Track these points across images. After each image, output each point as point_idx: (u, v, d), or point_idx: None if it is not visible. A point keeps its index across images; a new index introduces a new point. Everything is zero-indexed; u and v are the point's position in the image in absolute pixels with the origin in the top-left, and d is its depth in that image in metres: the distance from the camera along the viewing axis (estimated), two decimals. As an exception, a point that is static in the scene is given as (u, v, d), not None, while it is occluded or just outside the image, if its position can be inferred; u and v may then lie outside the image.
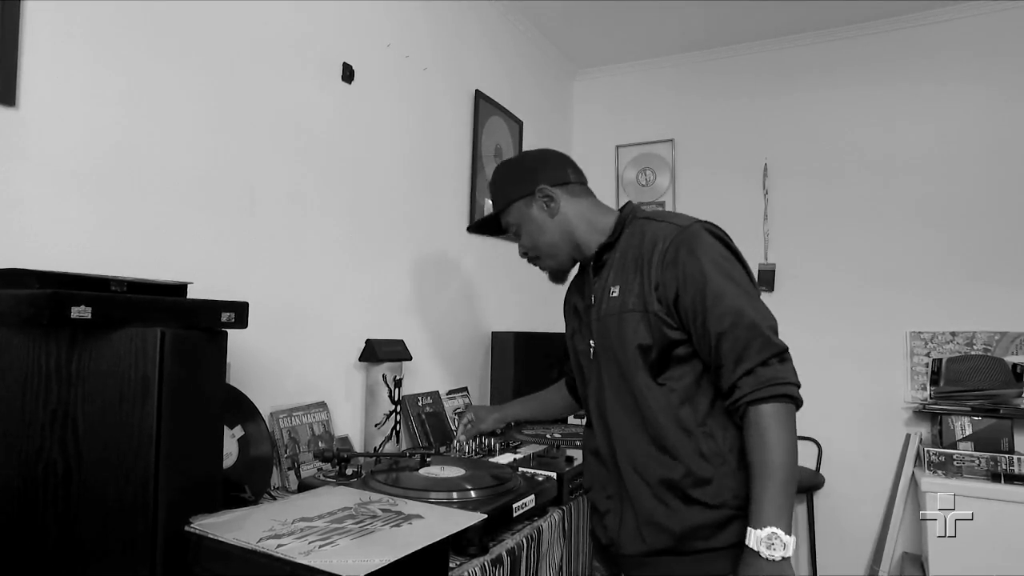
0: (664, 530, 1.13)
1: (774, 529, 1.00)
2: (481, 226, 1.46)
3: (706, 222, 1.17)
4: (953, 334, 2.60)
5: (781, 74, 2.97)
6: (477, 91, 2.50)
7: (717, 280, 1.09)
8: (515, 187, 1.32)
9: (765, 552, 1.00)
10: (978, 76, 2.63)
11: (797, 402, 1.06)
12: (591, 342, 1.26)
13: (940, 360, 2.56)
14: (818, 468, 2.76)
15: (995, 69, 2.60)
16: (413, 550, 0.88)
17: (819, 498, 2.75)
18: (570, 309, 1.40)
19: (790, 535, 1.00)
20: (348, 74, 1.84)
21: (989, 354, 2.52)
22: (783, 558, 1.00)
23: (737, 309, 1.07)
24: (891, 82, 2.79)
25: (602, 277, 1.25)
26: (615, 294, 1.20)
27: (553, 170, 1.31)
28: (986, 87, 2.62)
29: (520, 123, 2.83)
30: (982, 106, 2.62)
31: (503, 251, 2.74)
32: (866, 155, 2.81)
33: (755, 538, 1.01)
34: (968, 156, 2.63)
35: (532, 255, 1.36)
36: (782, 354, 1.07)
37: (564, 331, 1.45)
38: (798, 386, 1.07)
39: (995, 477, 2.24)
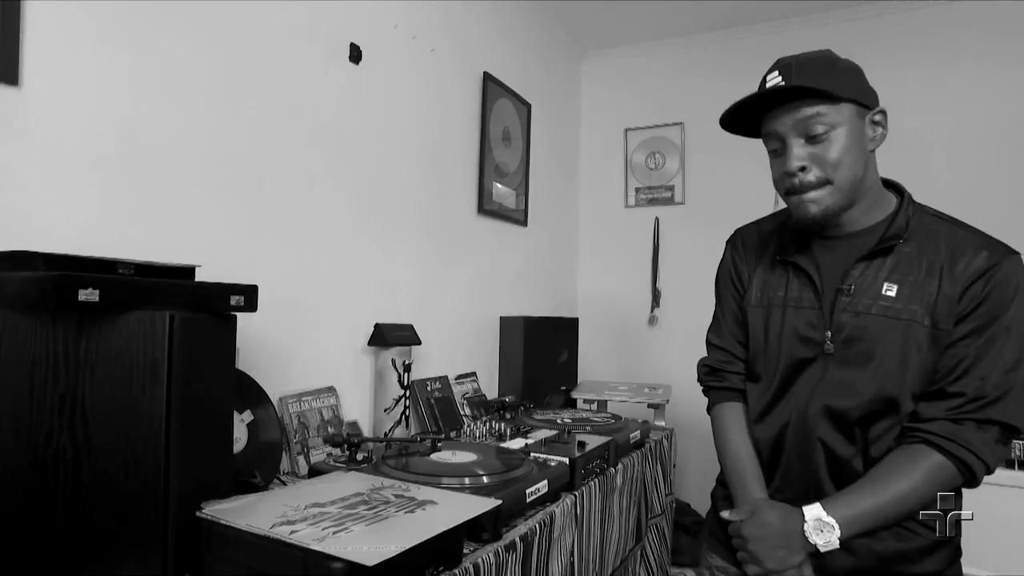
0: (872, 552, 1.03)
1: (830, 520, 0.97)
2: (746, 107, 1.04)
3: (1019, 254, 1.02)
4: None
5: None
6: (485, 73, 2.46)
7: (1019, 333, 0.97)
8: (861, 85, 1.03)
9: (810, 528, 0.98)
10: (998, 57, 2.58)
11: (966, 479, 0.98)
12: (827, 333, 1.05)
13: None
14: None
15: (1016, 49, 2.55)
16: (428, 537, 0.87)
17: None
18: (768, 274, 1.16)
19: (838, 543, 0.97)
20: (355, 55, 1.81)
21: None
22: (806, 543, 0.97)
23: (1017, 367, 0.96)
24: (907, 64, 2.73)
25: (871, 265, 1.04)
26: (890, 292, 1.02)
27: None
28: (1006, 69, 2.56)
29: (528, 106, 2.80)
30: (1002, 88, 2.57)
31: (511, 235, 2.72)
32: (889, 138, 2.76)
33: (814, 512, 0.98)
34: (987, 139, 2.59)
35: (819, 176, 1.01)
36: (1014, 439, 0.99)
37: (720, 292, 1.23)
38: (986, 468, 0.97)
39: (1010, 464, 2.23)
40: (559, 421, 1.95)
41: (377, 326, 1.82)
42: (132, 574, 0.88)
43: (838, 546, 0.97)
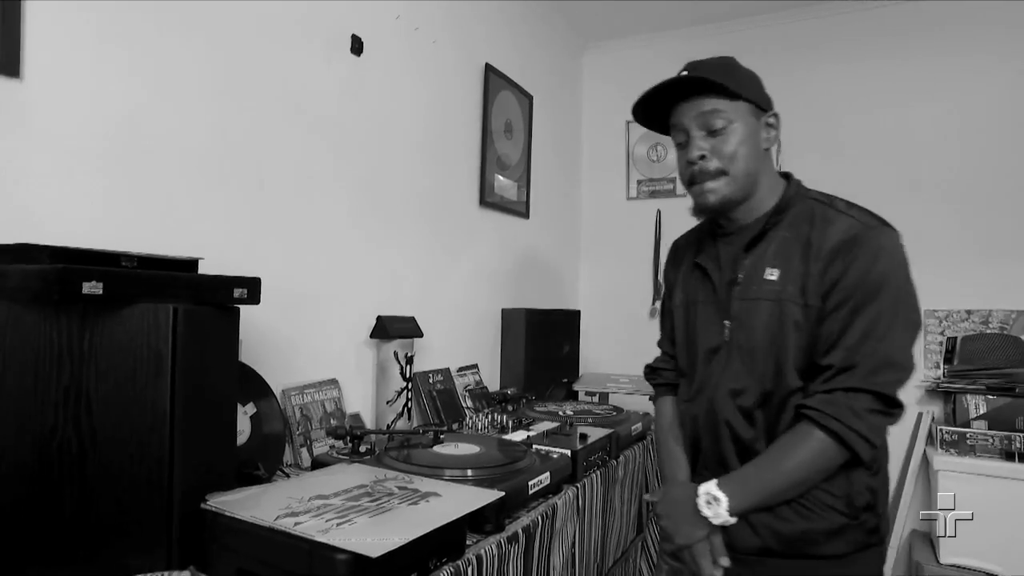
0: (775, 533, 1.07)
1: (719, 494, 1.04)
2: (657, 95, 1.13)
3: (892, 227, 1.06)
4: (968, 312, 2.57)
5: (794, 48, 2.90)
6: (487, 65, 2.45)
7: (887, 301, 1.00)
8: (758, 90, 1.12)
9: (701, 502, 1.06)
10: (999, 50, 2.57)
11: (852, 452, 1.00)
12: (726, 323, 1.13)
13: (955, 339, 2.53)
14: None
15: (1017, 43, 2.54)
16: (432, 528, 0.88)
17: (829, 476, 2.75)
18: (688, 277, 1.26)
19: (732, 517, 1.04)
20: (357, 47, 1.80)
21: (1005, 333, 2.49)
22: (703, 517, 1.05)
23: (895, 336, 1.00)
24: (908, 56, 2.72)
25: (756, 253, 1.11)
26: (772, 277, 1.08)
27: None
28: (1006, 61, 2.55)
29: (530, 97, 2.79)
30: (1001, 81, 2.56)
31: (513, 228, 2.72)
32: (881, 130, 2.76)
33: (706, 487, 1.06)
34: (985, 131, 2.58)
35: (716, 166, 1.09)
36: (891, 410, 1.00)
37: (661, 300, 1.31)
38: (871, 444, 1.00)
39: (1009, 456, 2.23)
40: (561, 413, 1.95)
41: (379, 318, 1.82)
42: (138, 565, 0.88)
43: (730, 519, 1.04)
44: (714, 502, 1.05)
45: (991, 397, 2.30)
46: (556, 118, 3.12)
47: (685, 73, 1.10)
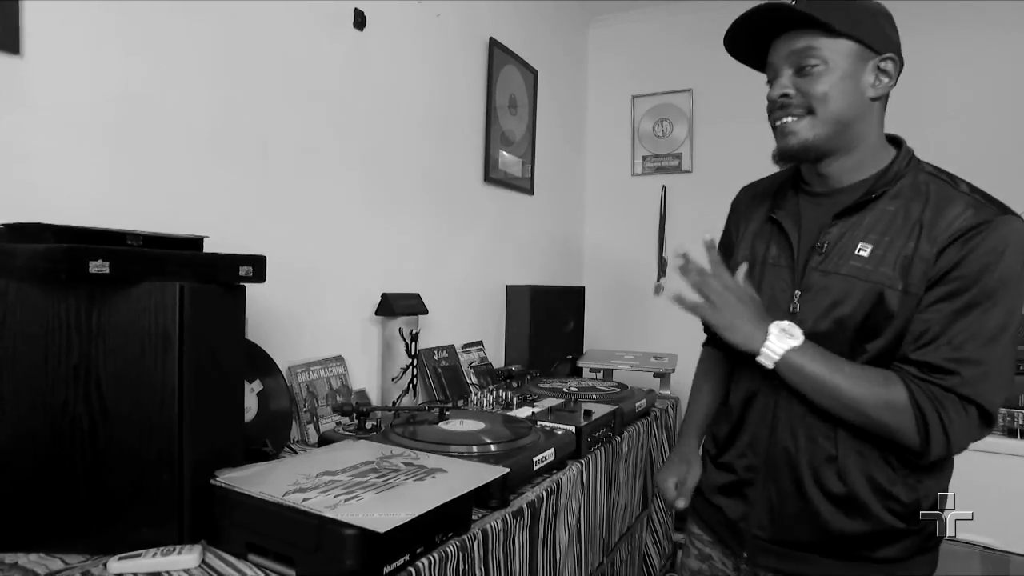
0: (813, 524, 1.00)
1: (798, 333, 0.95)
2: (747, 22, 1.00)
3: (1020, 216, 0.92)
4: (975, 289, 2.55)
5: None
6: (491, 39, 2.42)
7: (1007, 303, 0.87)
8: (872, 27, 0.96)
9: (775, 328, 0.96)
10: (1007, 24, 2.52)
11: (921, 439, 0.90)
12: (796, 293, 1.02)
13: (960, 315, 2.52)
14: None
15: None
16: (437, 504, 0.89)
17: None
18: (758, 232, 1.13)
19: (779, 359, 0.94)
20: (359, 21, 1.78)
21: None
22: (766, 330, 0.96)
23: (1007, 344, 0.88)
24: (925, 29, 2.67)
25: (848, 222, 0.99)
26: (864, 253, 0.95)
27: (900, 55, 0.99)
28: (1013, 36, 2.50)
29: (535, 72, 2.76)
30: (1014, 57, 2.51)
31: (518, 204, 2.71)
32: (895, 105, 2.71)
33: (786, 325, 0.96)
34: (1005, 107, 2.54)
35: (799, 108, 0.98)
36: (987, 426, 0.90)
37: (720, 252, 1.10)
38: (949, 448, 0.90)
39: (1012, 433, 2.23)
40: (565, 390, 1.96)
41: (384, 295, 1.82)
42: (150, 538, 0.90)
43: (778, 356, 0.94)
44: (787, 335, 0.94)
45: (995, 374, 2.30)
46: (561, 93, 3.08)
47: (786, 1, 0.96)
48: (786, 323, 0.97)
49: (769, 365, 0.96)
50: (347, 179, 1.77)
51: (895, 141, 1.04)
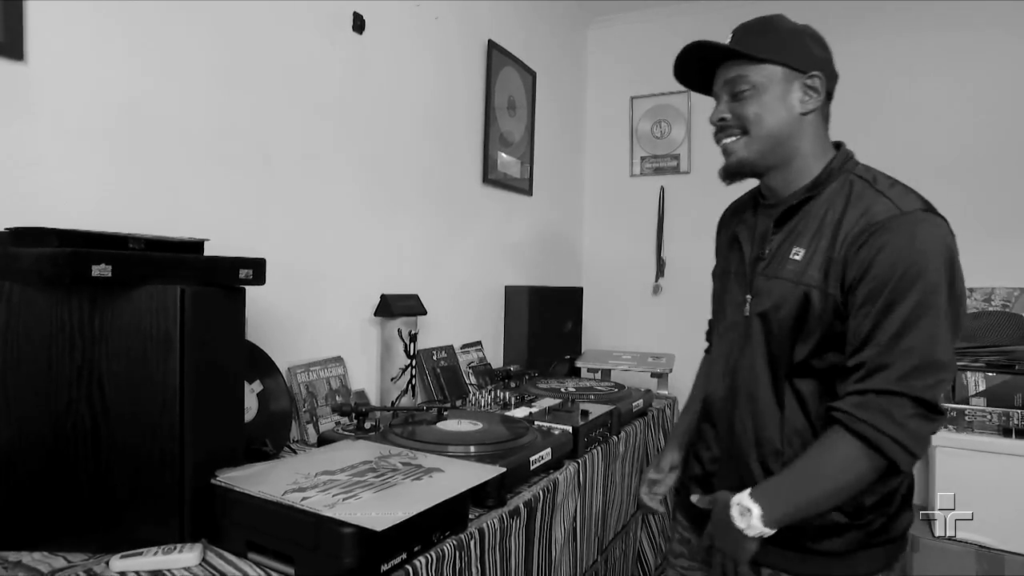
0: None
1: (751, 504, 0.94)
2: (691, 57, 1.11)
3: (937, 213, 0.97)
4: (971, 290, 2.57)
5: (805, 20, 2.86)
6: (490, 41, 2.43)
7: (923, 293, 0.90)
8: (796, 50, 1.04)
9: (735, 512, 0.95)
10: (1006, 24, 2.53)
11: (888, 460, 0.90)
12: (747, 296, 1.09)
13: (956, 316, 2.53)
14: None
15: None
16: (435, 503, 0.90)
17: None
18: (729, 243, 1.21)
19: (767, 528, 0.93)
20: (359, 24, 1.79)
21: (1008, 310, 2.50)
22: (739, 530, 0.94)
23: (932, 333, 0.90)
24: (916, 30, 2.69)
25: (785, 229, 1.06)
26: (797, 257, 1.02)
27: (832, 72, 1.07)
28: (1013, 35, 2.52)
29: (533, 74, 2.77)
30: (1009, 56, 2.53)
31: (516, 205, 2.72)
32: (888, 106, 2.74)
33: (739, 498, 0.96)
34: (991, 108, 2.55)
35: (735, 130, 1.07)
36: (933, 416, 0.90)
37: (715, 266, 1.25)
38: (911, 454, 0.90)
39: (1006, 432, 2.25)
40: (563, 390, 1.98)
41: (383, 296, 1.84)
42: (152, 537, 0.91)
43: (765, 531, 0.93)
44: (747, 513, 0.95)
45: (991, 375, 2.32)
46: (559, 94, 3.10)
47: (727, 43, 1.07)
48: (734, 503, 0.96)
49: (768, 533, 0.95)
50: (346, 181, 1.79)
51: (838, 146, 1.11)
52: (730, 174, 1.12)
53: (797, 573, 1.03)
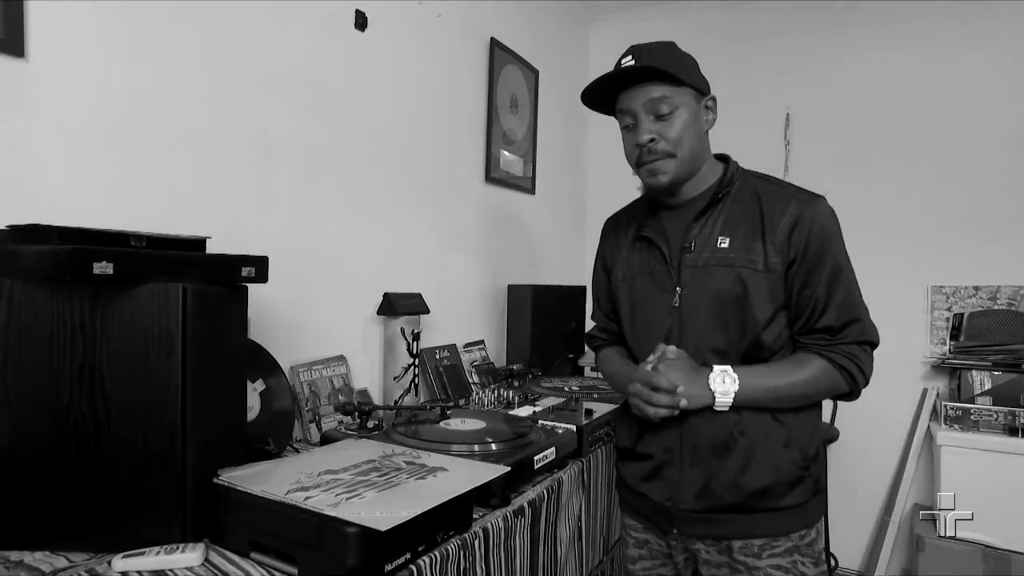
0: (740, 488, 1.13)
1: (735, 375, 1.10)
2: (604, 84, 1.22)
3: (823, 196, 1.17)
4: (976, 288, 2.56)
5: (806, 20, 2.84)
6: (492, 39, 2.43)
7: (843, 260, 1.13)
8: (697, 74, 1.20)
9: (715, 374, 1.10)
10: (1012, 27, 2.52)
11: (849, 387, 1.13)
12: (677, 290, 1.18)
13: (962, 315, 2.53)
14: (832, 421, 2.76)
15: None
16: (439, 502, 0.89)
17: (833, 450, 2.77)
18: (630, 251, 1.30)
19: (732, 400, 1.10)
20: (361, 22, 1.79)
21: (1013, 309, 2.48)
22: (710, 390, 1.10)
23: (856, 288, 1.14)
24: (921, 29, 2.67)
25: (705, 223, 1.18)
26: (723, 244, 1.15)
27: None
28: (1013, 32, 2.51)
29: (536, 72, 2.76)
30: (1014, 57, 2.51)
31: (519, 203, 2.71)
32: (892, 105, 2.72)
33: (723, 367, 1.11)
34: (997, 106, 2.54)
35: (665, 149, 1.16)
36: (875, 346, 1.14)
37: (594, 278, 1.41)
38: (866, 380, 1.13)
39: (1012, 431, 2.24)
40: (566, 389, 1.97)
41: (386, 295, 1.83)
42: (154, 536, 0.91)
43: (728, 403, 1.10)
44: (728, 380, 1.10)
45: (996, 373, 2.31)
46: (562, 92, 3.09)
47: (632, 61, 1.16)
48: (718, 369, 1.12)
49: (725, 407, 1.11)
50: (348, 179, 1.78)
51: (722, 158, 1.27)
52: (659, 192, 1.23)
53: (766, 534, 1.13)
